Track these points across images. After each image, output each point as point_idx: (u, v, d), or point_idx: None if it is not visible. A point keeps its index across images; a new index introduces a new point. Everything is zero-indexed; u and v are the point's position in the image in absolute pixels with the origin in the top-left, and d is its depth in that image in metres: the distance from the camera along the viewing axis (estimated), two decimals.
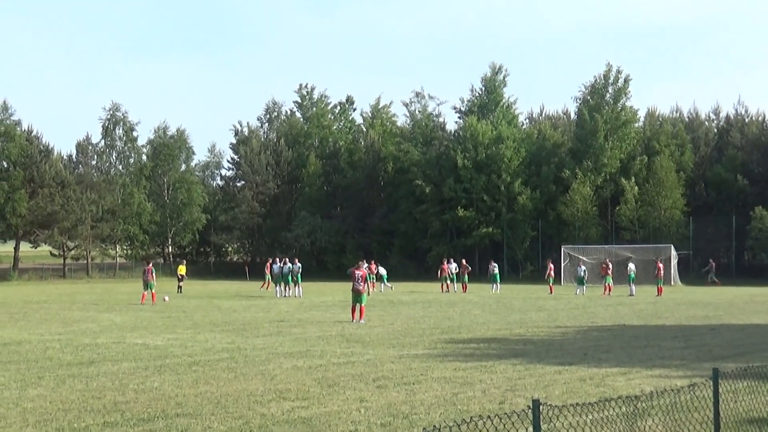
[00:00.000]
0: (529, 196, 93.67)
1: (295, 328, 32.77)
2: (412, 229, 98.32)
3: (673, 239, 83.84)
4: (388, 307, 45.60)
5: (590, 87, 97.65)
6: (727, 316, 39.42)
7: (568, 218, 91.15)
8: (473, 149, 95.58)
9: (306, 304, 47.75)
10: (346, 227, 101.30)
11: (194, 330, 31.89)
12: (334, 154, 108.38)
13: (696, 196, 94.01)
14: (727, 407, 11.65)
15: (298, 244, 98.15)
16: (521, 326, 33.61)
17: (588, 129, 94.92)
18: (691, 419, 11.51)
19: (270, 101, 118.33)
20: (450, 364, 22.07)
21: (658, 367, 21.55)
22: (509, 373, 20.47)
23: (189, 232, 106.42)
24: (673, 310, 43.22)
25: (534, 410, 7.85)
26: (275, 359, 23.08)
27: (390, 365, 21.84)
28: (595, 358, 23.48)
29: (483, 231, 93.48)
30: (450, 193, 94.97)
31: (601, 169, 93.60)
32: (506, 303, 49.53)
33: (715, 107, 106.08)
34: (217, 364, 22.19)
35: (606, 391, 17.59)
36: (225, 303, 49.59)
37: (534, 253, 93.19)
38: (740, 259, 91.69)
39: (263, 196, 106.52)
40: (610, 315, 40.13)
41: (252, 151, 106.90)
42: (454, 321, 36.14)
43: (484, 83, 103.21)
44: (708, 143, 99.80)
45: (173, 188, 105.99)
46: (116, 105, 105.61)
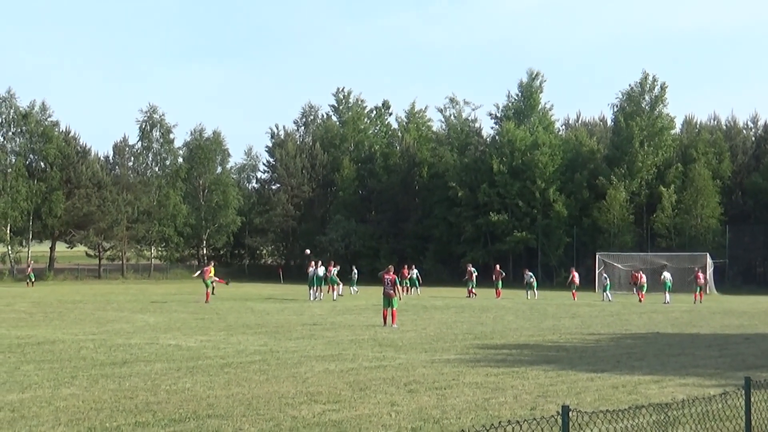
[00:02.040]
0: (564, 203, 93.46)
1: (327, 331, 32.80)
2: (447, 234, 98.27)
3: (709, 248, 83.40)
4: (421, 311, 45.59)
5: (626, 94, 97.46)
6: (762, 325, 39.11)
7: (603, 225, 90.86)
8: (509, 155, 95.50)
9: (339, 308, 47.80)
10: (380, 231, 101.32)
11: (227, 332, 31.98)
12: (369, 159, 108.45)
13: (733, 205, 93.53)
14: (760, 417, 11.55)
15: (332, 247, 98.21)
16: (554, 333, 33.48)
17: (624, 136, 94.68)
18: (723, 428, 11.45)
19: (306, 105, 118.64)
20: (482, 369, 22.02)
21: (692, 376, 21.41)
22: (541, 379, 20.40)
23: (224, 234, 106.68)
24: (708, 319, 42.92)
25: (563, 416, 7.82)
26: (307, 362, 23.10)
27: (422, 370, 21.82)
28: (628, 365, 23.35)
29: (517, 236, 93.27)
30: (484, 198, 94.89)
31: (636, 175, 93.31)
32: (540, 309, 49.36)
33: (753, 115, 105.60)
34: (249, 366, 22.24)
35: (638, 398, 17.50)
36: (258, 305, 49.71)
37: (569, 260, 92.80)
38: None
39: (298, 200, 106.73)
40: (644, 323, 39.91)
41: (288, 155, 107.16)
42: (487, 326, 36.05)
43: (520, 89, 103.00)
44: (746, 151, 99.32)
45: (209, 190, 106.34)
46: (153, 107, 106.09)
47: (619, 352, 26.61)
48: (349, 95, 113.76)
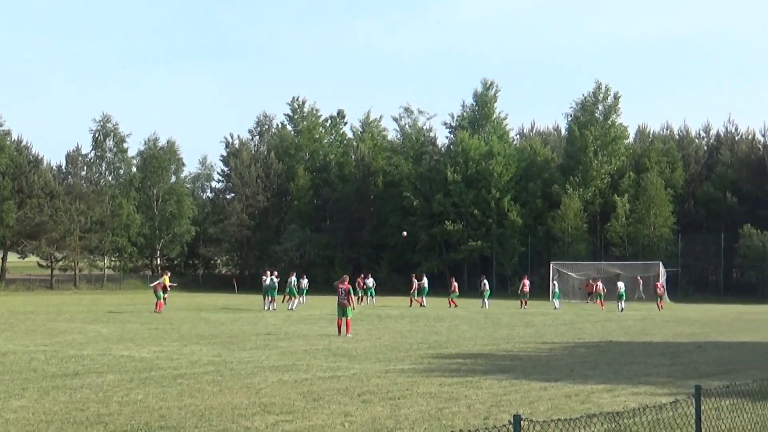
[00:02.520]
0: (519, 212, 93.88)
1: (281, 341, 32.67)
2: (402, 243, 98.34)
3: (662, 256, 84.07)
4: (376, 321, 45.55)
5: (580, 104, 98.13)
6: (714, 333, 39.43)
7: (557, 234, 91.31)
8: (464, 164, 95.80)
9: (293, 318, 47.66)
10: (335, 241, 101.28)
11: (180, 342, 31.77)
12: (324, 168, 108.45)
13: (685, 214, 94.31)
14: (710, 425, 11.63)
15: (287, 257, 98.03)
16: (508, 342, 33.56)
17: (578, 145, 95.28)
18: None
19: (261, 114, 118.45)
20: (436, 379, 22.01)
21: (644, 384, 21.51)
22: (495, 388, 20.41)
23: (178, 244, 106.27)
24: (661, 327, 43.22)
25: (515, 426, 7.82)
26: (261, 373, 22.99)
27: (376, 380, 21.77)
28: (582, 374, 23.43)
29: (472, 245, 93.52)
30: (439, 208, 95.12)
31: (590, 184, 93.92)
32: (494, 318, 49.47)
33: (705, 125, 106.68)
34: (203, 377, 22.09)
35: (591, 407, 17.55)
36: (212, 316, 49.45)
37: (523, 269, 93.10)
38: (728, 277, 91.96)
39: (253, 209, 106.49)
40: (597, 331, 40.11)
41: (242, 164, 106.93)
42: (442, 336, 36.07)
43: (475, 98, 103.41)
44: (698, 161, 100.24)
45: (162, 200, 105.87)
46: (107, 116, 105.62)
47: (572, 361, 26.70)
48: (304, 104, 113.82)
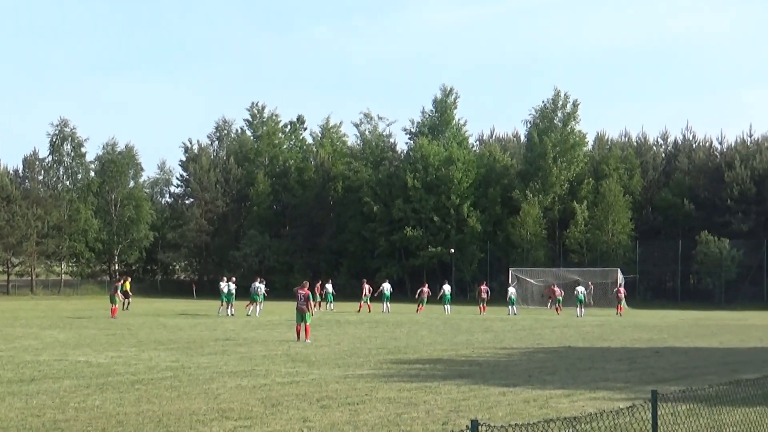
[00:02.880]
0: (479, 218, 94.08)
1: (240, 347, 32.56)
2: (361, 248, 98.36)
3: (620, 263, 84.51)
4: (335, 326, 45.51)
5: (540, 110, 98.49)
6: (671, 339, 39.69)
7: (516, 240, 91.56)
8: (423, 170, 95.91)
9: (252, 323, 47.53)
10: (294, 246, 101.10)
11: (138, 348, 31.59)
12: (283, 173, 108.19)
13: (643, 220, 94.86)
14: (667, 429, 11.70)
15: (246, 263, 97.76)
16: (467, 347, 33.63)
17: (537, 152, 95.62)
18: None
19: (220, 119, 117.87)
20: (395, 384, 22.01)
21: (602, 389, 21.62)
22: (453, 394, 20.44)
23: (136, 249, 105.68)
24: (619, 333, 43.46)
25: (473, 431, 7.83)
26: (219, 378, 22.91)
27: (335, 385, 21.75)
28: (540, 379, 23.52)
29: (431, 251, 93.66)
30: (399, 214, 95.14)
31: (550, 190, 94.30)
32: (453, 324, 49.55)
33: (663, 132, 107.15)
34: (161, 382, 21.98)
35: (549, 412, 17.60)
36: (171, 321, 49.21)
37: (482, 275, 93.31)
38: (685, 283, 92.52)
39: (212, 214, 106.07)
40: (556, 337, 40.28)
41: (201, 169, 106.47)
42: (401, 341, 36.09)
43: (435, 105, 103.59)
44: (656, 168, 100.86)
45: (121, 205, 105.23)
46: (64, 120, 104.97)
47: (531, 367, 26.80)
48: (264, 110, 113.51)
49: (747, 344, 37.20)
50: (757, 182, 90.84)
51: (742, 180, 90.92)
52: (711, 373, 25.29)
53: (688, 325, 51.21)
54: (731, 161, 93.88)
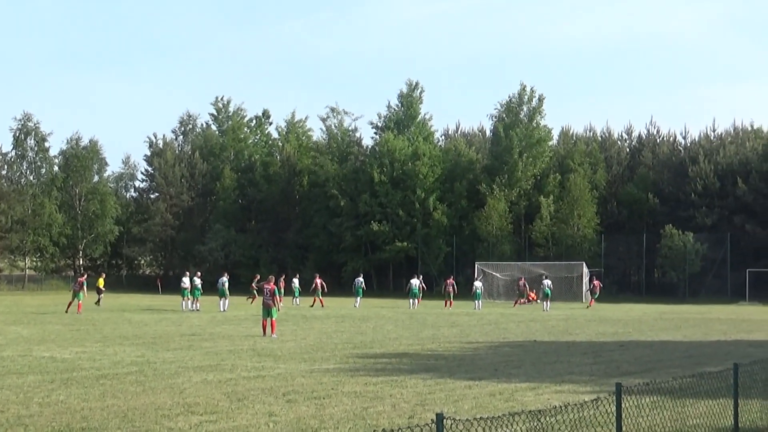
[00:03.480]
0: (445, 212, 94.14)
1: (206, 341, 32.50)
2: (327, 243, 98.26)
3: (585, 257, 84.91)
4: (301, 321, 45.48)
5: (505, 105, 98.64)
6: (636, 332, 39.92)
7: (482, 234, 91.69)
8: (389, 165, 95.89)
9: (218, 318, 47.43)
10: (260, 241, 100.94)
11: (103, 343, 31.46)
12: (249, 168, 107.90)
13: (608, 214, 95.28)
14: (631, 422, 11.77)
15: (211, 257, 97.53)
16: (433, 341, 33.69)
17: (503, 146, 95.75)
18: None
19: (185, 113, 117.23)
20: (361, 378, 22.04)
21: (567, 383, 21.73)
22: (419, 387, 20.48)
23: (101, 244, 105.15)
24: (584, 327, 43.68)
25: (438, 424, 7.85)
26: (185, 373, 22.85)
27: (300, 379, 21.74)
28: (506, 373, 23.61)
29: (398, 245, 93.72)
30: (365, 208, 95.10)
31: (516, 186, 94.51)
32: (419, 318, 49.61)
33: (627, 127, 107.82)
34: (126, 377, 21.90)
35: (515, 405, 17.67)
36: (136, 316, 49.02)
37: (449, 269, 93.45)
38: (650, 277, 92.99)
39: (177, 209, 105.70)
40: (521, 331, 40.43)
41: (166, 164, 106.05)
42: (367, 336, 36.12)
43: (400, 99, 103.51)
44: (620, 162, 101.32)
45: (85, 199, 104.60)
46: (28, 115, 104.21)
47: (496, 360, 26.89)
48: (229, 104, 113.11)
49: (710, 337, 37.47)
50: (721, 177, 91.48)
51: (706, 174, 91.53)
52: (675, 366, 25.47)
53: (652, 319, 51.51)
54: (695, 156, 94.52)
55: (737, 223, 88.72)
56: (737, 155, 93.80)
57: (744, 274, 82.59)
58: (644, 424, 12.81)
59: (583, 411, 10.61)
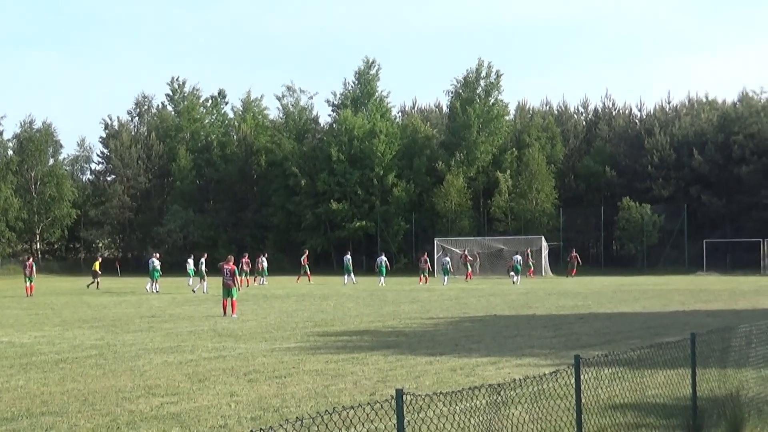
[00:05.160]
0: (404, 188, 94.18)
1: (166, 323, 32.40)
2: (286, 222, 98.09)
3: (544, 230, 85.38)
4: (262, 301, 45.43)
5: (462, 81, 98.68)
6: (595, 305, 40.19)
7: (441, 210, 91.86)
8: (347, 143, 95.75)
9: (178, 300, 47.29)
10: (218, 221, 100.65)
11: (62, 327, 31.28)
12: (206, 148, 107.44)
13: (566, 188, 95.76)
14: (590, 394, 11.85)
15: (170, 238, 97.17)
16: (394, 318, 33.77)
17: (460, 122, 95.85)
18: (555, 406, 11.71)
19: (140, 94, 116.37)
20: (322, 356, 22.06)
21: (528, 356, 21.86)
22: (381, 364, 20.53)
23: (58, 227, 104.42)
24: (544, 300, 43.93)
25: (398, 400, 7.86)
26: (145, 355, 22.77)
27: (261, 359, 21.73)
28: (466, 348, 23.70)
29: (357, 224, 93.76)
30: (324, 186, 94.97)
31: (474, 162, 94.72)
32: (380, 295, 49.71)
33: (583, 100, 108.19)
34: (85, 361, 21.80)
35: (475, 380, 17.76)
36: (95, 299, 48.75)
37: (408, 246, 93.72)
38: (608, 249, 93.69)
39: (134, 191, 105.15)
40: (482, 306, 40.60)
41: (122, 145, 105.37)
42: (328, 314, 36.14)
43: (357, 77, 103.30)
44: (577, 136, 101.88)
45: (41, 183, 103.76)
46: None
47: (457, 336, 27.00)
48: (184, 84, 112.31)
49: (668, 308, 37.79)
50: (677, 148, 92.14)
51: (662, 146, 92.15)
52: (634, 338, 25.70)
53: (611, 291, 51.88)
54: (651, 128, 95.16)
55: (693, 194, 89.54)
56: (692, 127, 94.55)
57: (701, 244, 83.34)
58: (603, 396, 12.90)
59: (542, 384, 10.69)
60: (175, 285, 59.83)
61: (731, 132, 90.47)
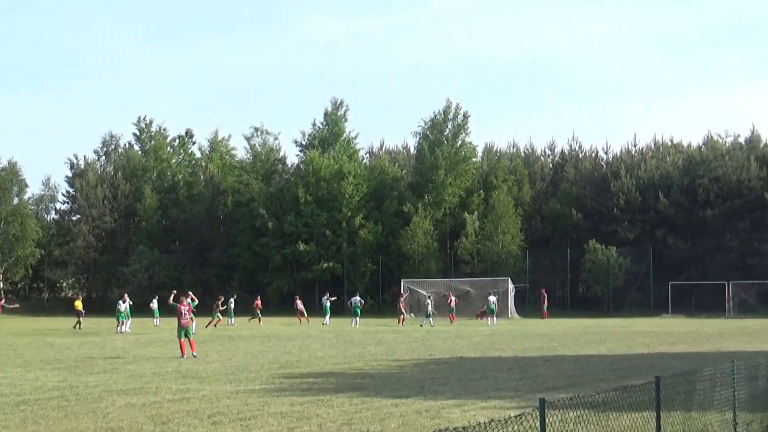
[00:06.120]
0: (371, 230, 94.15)
1: (130, 364, 32.11)
2: (252, 263, 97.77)
3: (510, 272, 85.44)
4: (227, 341, 45.18)
5: (430, 122, 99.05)
6: (561, 347, 40.19)
7: (408, 252, 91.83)
8: (315, 183, 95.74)
9: (143, 340, 46.95)
10: (184, 261, 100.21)
11: (24, 368, 30.92)
12: (172, 188, 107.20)
13: (533, 230, 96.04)
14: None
15: (135, 279, 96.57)
16: (360, 360, 33.62)
17: (428, 164, 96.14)
18: None
19: (107, 134, 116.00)
20: (287, 398, 21.91)
21: (493, 399, 21.78)
22: (346, 407, 20.40)
23: (21, 267, 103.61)
24: (510, 342, 43.88)
25: None
26: (108, 397, 22.52)
27: (226, 401, 21.55)
28: (432, 390, 23.60)
29: (324, 266, 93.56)
30: (291, 228, 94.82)
31: (441, 203, 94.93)
32: (346, 337, 49.54)
33: (550, 143, 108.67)
34: (47, 402, 21.53)
35: (441, 422, 17.68)
36: (58, 340, 48.29)
37: (374, 287, 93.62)
38: (575, 291, 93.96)
39: (100, 230, 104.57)
40: (448, 347, 40.50)
41: (88, 185, 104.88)
42: (293, 355, 35.95)
43: (325, 118, 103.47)
44: (544, 178, 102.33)
45: (5, 222, 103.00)
46: None
47: (423, 378, 26.88)
48: (151, 124, 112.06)
49: (634, 350, 37.85)
50: (642, 191, 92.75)
51: (628, 189, 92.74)
52: (599, 380, 25.65)
53: (577, 333, 51.93)
54: (617, 171, 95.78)
55: (659, 237, 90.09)
56: (658, 170, 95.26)
57: (666, 286, 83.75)
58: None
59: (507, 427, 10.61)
60: (139, 325, 59.40)
61: (696, 175, 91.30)
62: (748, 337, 47.80)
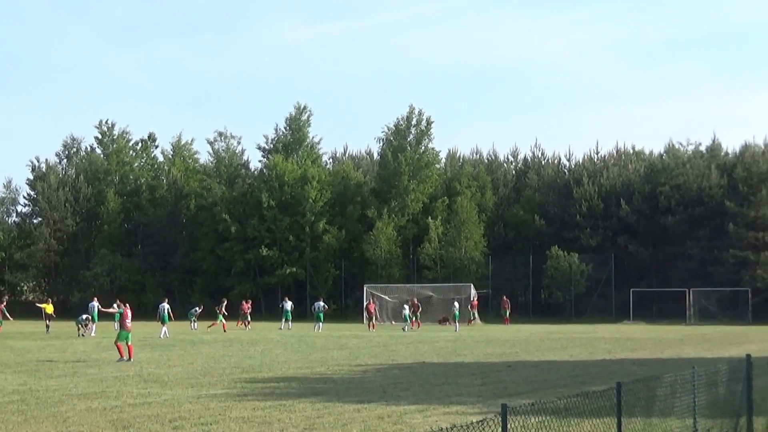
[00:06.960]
0: (335, 235, 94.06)
1: (91, 368, 31.93)
2: (215, 267, 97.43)
3: (473, 278, 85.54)
4: (189, 346, 44.99)
5: (393, 128, 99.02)
6: (523, 353, 40.33)
7: (371, 258, 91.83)
8: (278, 188, 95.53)
9: (104, 344, 46.64)
10: (146, 265, 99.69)
11: None
12: (134, 192, 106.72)
13: (495, 236, 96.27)
14: None
15: (97, 282, 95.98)
16: (322, 365, 33.60)
17: (391, 170, 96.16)
18: None
19: (69, 137, 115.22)
20: (249, 403, 21.86)
21: (455, 404, 21.83)
22: (308, 411, 20.39)
23: None
24: (472, 348, 43.97)
25: None
26: (69, 401, 22.39)
27: (188, 405, 21.47)
28: (394, 395, 23.62)
29: (287, 271, 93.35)
30: (254, 233, 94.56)
31: (405, 209, 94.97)
32: (308, 342, 49.45)
33: (513, 149, 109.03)
34: (7, 406, 21.37)
35: (403, 428, 17.71)
36: (18, 343, 47.90)
37: (337, 292, 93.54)
38: (537, 298, 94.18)
39: (61, 234, 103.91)
40: (410, 353, 40.52)
41: (50, 188, 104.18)
42: (255, 360, 35.87)
43: (288, 122, 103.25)
44: (507, 184, 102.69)
45: None
46: None
47: (385, 383, 26.90)
48: (114, 127, 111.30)
49: (596, 356, 38.04)
50: (604, 198, 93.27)
51: (590, 196, 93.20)
52: (561, 386, 25.77)
53: (539, 339, 52.11)
54: (579, 178, 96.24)
55: (621, 244, 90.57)
56: (620, 177, 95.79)
57: (628, 293, 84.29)
58: None
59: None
60: (100, 329, 58.98)
61: (658, 183, 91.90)
62: (708, 343, 48.16)
